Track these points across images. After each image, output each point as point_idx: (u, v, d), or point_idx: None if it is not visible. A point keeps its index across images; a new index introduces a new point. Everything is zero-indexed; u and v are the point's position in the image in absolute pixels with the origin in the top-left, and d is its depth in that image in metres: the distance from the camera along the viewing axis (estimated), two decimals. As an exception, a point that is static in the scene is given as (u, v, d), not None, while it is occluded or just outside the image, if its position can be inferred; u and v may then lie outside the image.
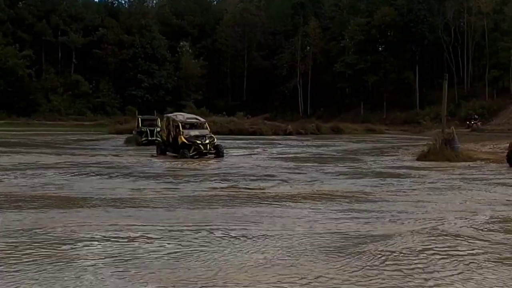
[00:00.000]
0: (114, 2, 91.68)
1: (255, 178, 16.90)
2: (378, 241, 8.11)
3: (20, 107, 72.30)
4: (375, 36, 75.36)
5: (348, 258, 7.19)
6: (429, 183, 15.98)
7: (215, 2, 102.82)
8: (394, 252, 7.45)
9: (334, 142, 39.03)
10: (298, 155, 27.44)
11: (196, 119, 25.81)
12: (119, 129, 52.23)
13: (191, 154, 23.08)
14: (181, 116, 25.35)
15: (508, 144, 23.79)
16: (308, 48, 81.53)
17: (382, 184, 15.70)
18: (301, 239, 8.25)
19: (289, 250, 7.56)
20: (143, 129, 33.63)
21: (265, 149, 30.99)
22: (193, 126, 24.69)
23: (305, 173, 18.42)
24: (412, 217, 10.24)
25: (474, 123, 57.62)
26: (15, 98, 72.46)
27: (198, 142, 23.40)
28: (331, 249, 7.66)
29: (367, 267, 6.77)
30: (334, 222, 9.69)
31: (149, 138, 31.87)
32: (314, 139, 43.86)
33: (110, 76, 79.83)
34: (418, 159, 23.16)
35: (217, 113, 61.13)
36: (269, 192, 13.88)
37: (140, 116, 37.32)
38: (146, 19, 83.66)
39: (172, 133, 24.15)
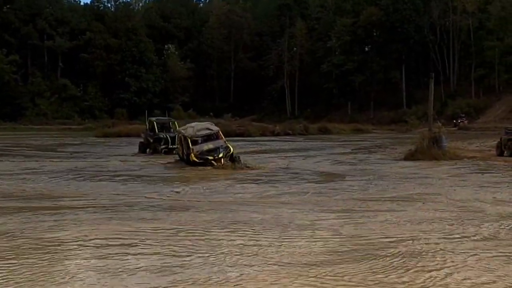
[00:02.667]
0: (100, 5, 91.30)
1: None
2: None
3: (6, 111, 71.88)
4: (361, 36, 75.67)
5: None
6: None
7: (201, 5, 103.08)
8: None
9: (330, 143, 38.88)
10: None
11: (208, 129, 22.30)
12: (106, 133, 52.28)
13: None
14: (191, 129, 21.95)
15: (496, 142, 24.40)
16: (295, 49, 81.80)
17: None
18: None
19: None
20: (161, 136, 29.02)
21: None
22: (205, 139, 21.76)
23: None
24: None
25: (460, 121, 58.10)
26: (1, 103, 72.09)
27: (211, 158, 20.60)
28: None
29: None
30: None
31: (170, 146, 27.43)
32: (307, 140, 43.90)
33: (98, 80, 79.64)
34: (405, 158, 23.18)
35: (205, 115, 61.10)
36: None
37: (155, 119, 32.32)
38: (132, 22, 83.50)
39: (184, 150, 21.46)
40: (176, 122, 31.57)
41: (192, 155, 20.62)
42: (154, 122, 30.48)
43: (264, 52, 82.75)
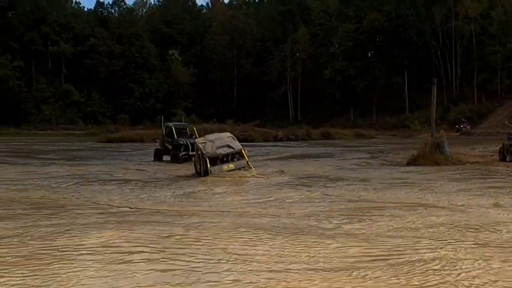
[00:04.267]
0: (103, 11, 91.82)
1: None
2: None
3: (11, 117, 72.41)
4: (364, 42, 75.90)
5: None
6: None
7: (204, 10, 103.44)
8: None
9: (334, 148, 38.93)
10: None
11: (229, 147, 19.64)
12: (110, 138, 52.54)
13: None
14: (209, 146, 19.40)
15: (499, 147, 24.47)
16: (298, 54, 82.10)
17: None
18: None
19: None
20: (181, 142, 27.62)
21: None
22: (224, 159, 19.57)
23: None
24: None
25: (463, 126, 58.18)
26: (5, 108, 72.54)
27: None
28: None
29: None
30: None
31: (190, 153, 25.71)
32: (313, 145, 43.83)
33: (101, 85, 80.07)
34: (408, 164, 23.17)
35: (207, 121, 61.46)
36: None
37: (173, 124, 30.60)
38: (136, 28, 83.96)
39: (202, 166, 19.32)
40: (194, 128, 30.52)
41: (210, 174, 18.70)
42: (173, 128, 29.02)
43: (267, 57, 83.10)
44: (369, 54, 79.22)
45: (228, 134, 21.27)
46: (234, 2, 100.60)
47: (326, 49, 78.70)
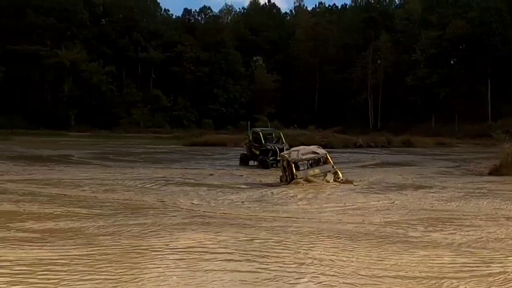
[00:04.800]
0: (190, 18, 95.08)
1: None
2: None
3: (103, 120, 76.18)
4: (447, 49, 75.27)
5: None
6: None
7: (288, 18, 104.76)
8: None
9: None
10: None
11: (314, 152, 19.96)
12: (194, 142, 54.41)
13: None
14: (295, 153, 19.55)
15: None
16: (379, 61, 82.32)
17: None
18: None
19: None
20: (269, 147, 27.57)
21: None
22: (310, 163, 19.78)
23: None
24: None
25: (547, 136, 56.94)
26: (98, 112, 76.50)
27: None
28: None
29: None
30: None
31: (278, 158, 24.82)
32: (393, 153, 43.24)
33: (187, 91, 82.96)
34: (490, 173, 22.77)
35: (289, 126, 62.71)
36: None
37: (260, 130, 30.80)
38: (221, 35, 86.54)
39: (288, 175, 19.30)
40: (281, 133, 30.52)
41: (297, 180, 18.64)
42: (260, 133, 29.08)
43: (349, 64, 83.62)
44: (452, 62, 78.46)
45: (314, 146, 21.42)
46: (318, 9, 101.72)
47: (408, 56, 78.56)
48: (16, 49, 76.38)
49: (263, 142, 28.14)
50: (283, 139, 28.96)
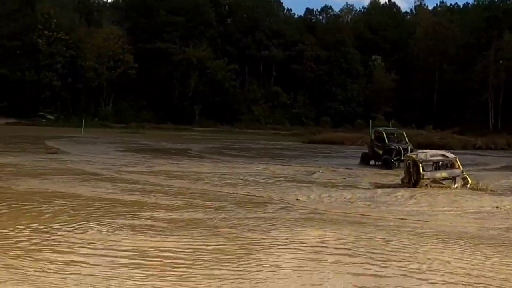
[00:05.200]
0: (312, 17, 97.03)
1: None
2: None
3: (225, 116, 79.62)
4: None
5: None
6: None
7: (408, 17, 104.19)
8: None
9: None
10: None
11: (443, 155, 19.57)
12: (312, 139, 55.87)
13: None
14: (422, 155, 19.17)
15: None
16: (502, 61, 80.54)
17: None
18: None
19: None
20: (393, 147, 27.68)
21: None
22: (438, 165, 19.26)
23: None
24: None
25: None
26: (221, 107, 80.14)
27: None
28: None
29: None
30: None
31: (402, 158, 24.79)
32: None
33: (307, 89, 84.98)
34: None
35: (406, 126, 63.09)
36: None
37: (383, 129, 30.89)
38: (341, 34, 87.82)
39: (413, 175, 18.83)
40: (404, 133, 30.52)
41: (422, 181, 18.30)
42: (384, 133, 29.16)
43: (470, 64, 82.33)
44: None
45: (442, 151, 20.95)
46: (439, 8, 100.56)
47: (533, 56, 76.58)
48: (146, 47, 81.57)
49: (386, 141, 28.09)
50: (406, 139, 28.90)
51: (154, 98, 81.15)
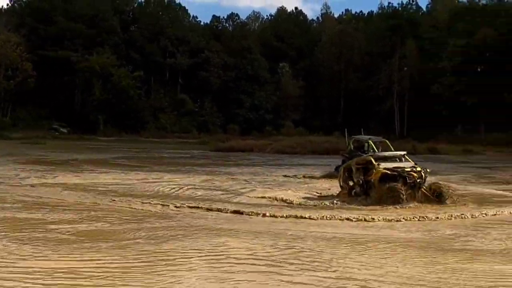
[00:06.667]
0: (218, 25, 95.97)
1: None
2: None
3: (130, 124, 77.19)
4: (474, 57, 74.88)
5: None
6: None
7: (314, 24, 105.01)
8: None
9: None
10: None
11: (392, 152, 19.33)
12: (220, 147, 54.53)
13: None
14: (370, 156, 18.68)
15: None
16: (405, 69, 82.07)
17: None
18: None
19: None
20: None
21: None
22: (389, 160, 17.88)
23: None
24: None
25: None
26: (126, 116, 77.55)
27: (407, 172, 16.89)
28: None
29: None
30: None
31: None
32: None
33: (214, 96, 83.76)
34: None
35: (314, 133, 62.96)
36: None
37: (368, 137, 24.11)
38: (248, 41, 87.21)
39: (360, 177, 18.26)
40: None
41: (380, 169, 16.88)
42: (370, 142, 23.10)
43: (374, 71, 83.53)
44: (479, 69, 77.96)
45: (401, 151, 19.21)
46: (344, 16, 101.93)
47: (435, 64, 78.24)
48: (47, 54, 77.78)
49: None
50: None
51: (56, 107, 77.62)
